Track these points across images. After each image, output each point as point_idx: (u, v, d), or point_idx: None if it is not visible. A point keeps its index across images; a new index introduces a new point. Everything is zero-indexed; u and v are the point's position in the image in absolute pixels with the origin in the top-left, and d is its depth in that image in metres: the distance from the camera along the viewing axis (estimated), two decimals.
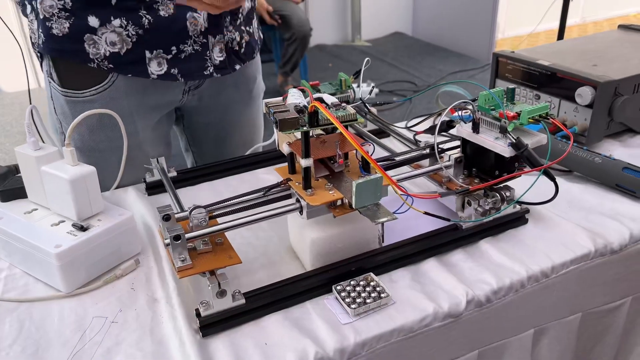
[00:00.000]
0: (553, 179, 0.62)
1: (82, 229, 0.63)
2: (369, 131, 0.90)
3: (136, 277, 0.64)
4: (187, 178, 0.84)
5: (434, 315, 0.57)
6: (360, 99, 0.81)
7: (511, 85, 1.01)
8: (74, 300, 0.61)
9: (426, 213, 0.59)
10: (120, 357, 0.53)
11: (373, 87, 0.94)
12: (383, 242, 0.64)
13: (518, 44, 4.21)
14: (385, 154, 0.79)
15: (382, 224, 0.64)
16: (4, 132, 3.06)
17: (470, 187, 0.64)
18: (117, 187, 0.82)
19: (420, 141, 0.78)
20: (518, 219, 0.69)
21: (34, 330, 0.57)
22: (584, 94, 0.85)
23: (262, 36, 1.07)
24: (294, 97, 0.61)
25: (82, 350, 0.54)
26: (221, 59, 0.91)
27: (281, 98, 0.63)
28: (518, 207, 0.69)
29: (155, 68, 0.84)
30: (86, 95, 0.84)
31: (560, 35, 2.91)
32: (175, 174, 0.83)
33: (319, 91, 0.92)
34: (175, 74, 0.86)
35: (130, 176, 0.82)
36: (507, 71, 1.01)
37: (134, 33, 0.81)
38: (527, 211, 0.69)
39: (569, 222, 0.69)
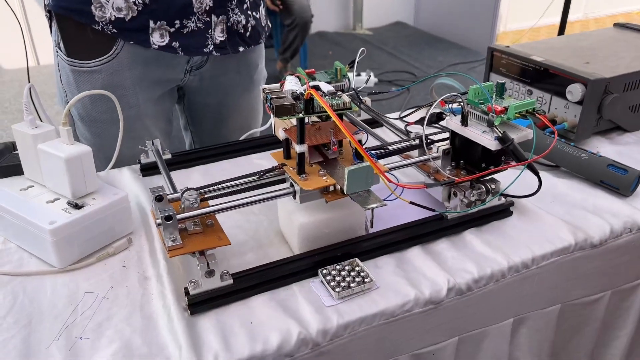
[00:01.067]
0: (537, 174, 0.63)
1: (77, 206, 0.64)
2: (362, 120, 0.91)
3: (128, 255, 0.66)
4: (181, 161, 0.85)
5: (415, 301, 0.59)
6: (353, 88, 0.83)
7: (505, 80, 1.03)
8: (67, 275, 0.63)
9: (412, 203, 0.61)
10: (111, 332, 0.55)
11: (369, 78, 0.95)
12: (372, 227, 0.66)
13: (519, 37, 4.21)
14: (378, 143, 0.80)
15: (372, 210, 0.66)
16: (1, 109, 3.06)
17: (456, 178, 0.66)
18: (115, 162, 0.83)
19: (411, 132, 0.79)
20: (502, 211, 0.71)
21: (28, 303, 0.59)
22: (575, 90, 0.86)
23: (270, 25, 1.09)
24: (291, 84, 0.62)
25: (73, 324, 0.56)
26: (222, 39, 0.93)
27: (278, 85, 0.64)
28: (503, 199, 0.71)
29: (158, 39, 0.87)
30: (90, 65, 0.87)
31: (562, 31, 2.91)
32: (170, 156, 0.84)
33: (314, 79, 0.93)
34: (176, 48, 0.89)
35: (130, 149, 0.84)
36: (501, 65, 1.02)
37: (140, 2, 0.84)
38: (512, 204, 0.71)
39: (552, 216, 0.71)
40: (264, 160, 0.87)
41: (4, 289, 0.60)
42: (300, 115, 0.59)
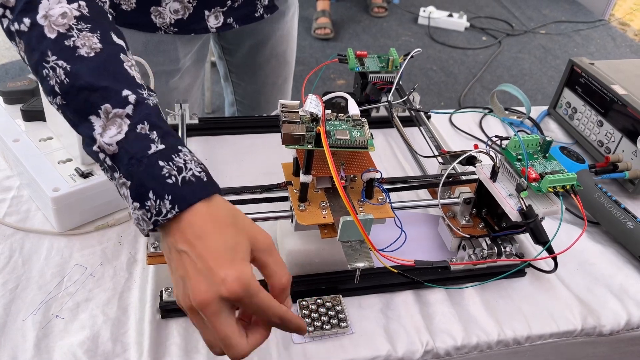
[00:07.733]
0: (554, 259, 0.57)
1: (83, 175, 0.65)
2: (399, 116, 0.84)
3: (126, 230, 0.67)
4: (207, 127, 0.83)
5: (385, 357, 0.57)
6: (409, 106, 0.76)
7: (578, 101, 0.91)
8: (64, 240, 0.64)
9: (399, 273, 0.57)
10: (85, 316, 0.57)
11: (414, 89, 0.88)
12: (357, 282, 0.60)
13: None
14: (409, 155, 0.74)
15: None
16: None
17: (451, 263, 0.62)
18: None
19: (444, 154, 0.73)
20: (515, 271, 0.65)
21: (20, 264, 0.61)
22: None
23: None
24: (312, 105, 0.57)
25: (55, 298, 0.58)
26: None
27: (298, 102, 0.59)
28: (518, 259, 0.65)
29: (213, 22, 0.85)
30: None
31: None
32: (196, 121, 0.82)
33: (363, 64, 0.86)
34: (231, 23, 0.86)
35: (171, 104, 0.83)
36: (578, 83, 0.91)
37: None
38: (528, 266, 0.66)
39: (567, 290, 0.65)
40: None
41: (4, 242, 0.63)
42: (310, 147, 0.54)
